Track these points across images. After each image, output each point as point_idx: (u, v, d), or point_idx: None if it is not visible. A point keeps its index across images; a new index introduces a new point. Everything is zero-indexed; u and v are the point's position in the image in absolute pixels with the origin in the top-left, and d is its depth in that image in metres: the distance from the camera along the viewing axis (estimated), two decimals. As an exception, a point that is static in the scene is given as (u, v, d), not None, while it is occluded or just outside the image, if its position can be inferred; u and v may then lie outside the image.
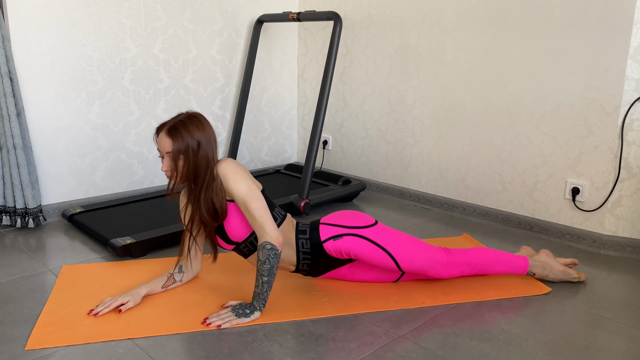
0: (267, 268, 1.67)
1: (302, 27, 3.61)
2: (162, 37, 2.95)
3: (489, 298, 1.91)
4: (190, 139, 1.68)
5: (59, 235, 2.49)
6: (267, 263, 1.67)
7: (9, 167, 2.46)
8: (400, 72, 3.08)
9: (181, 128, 1.68)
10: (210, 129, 1.73)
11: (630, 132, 2.30)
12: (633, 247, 2.36)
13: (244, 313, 1.70)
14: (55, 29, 2.57)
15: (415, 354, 1.57)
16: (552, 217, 2.57)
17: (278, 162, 3.74)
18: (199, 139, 1.69)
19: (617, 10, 2.25)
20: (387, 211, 2.97)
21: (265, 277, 1.68)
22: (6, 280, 2.02)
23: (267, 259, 1.67)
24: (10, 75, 2.38)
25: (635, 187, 2.33)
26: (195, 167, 1.70)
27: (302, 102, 3.72)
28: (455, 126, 2.89)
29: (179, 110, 3.10)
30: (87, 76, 2.71)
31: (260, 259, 1.68)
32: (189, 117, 1.71)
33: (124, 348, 1.56)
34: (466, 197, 2.90)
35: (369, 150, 3.35)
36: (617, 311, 1.86)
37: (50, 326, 1.67)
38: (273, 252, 1.67)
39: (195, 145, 1.68)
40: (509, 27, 2.59)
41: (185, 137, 1.67)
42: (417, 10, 2.95)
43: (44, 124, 2.61)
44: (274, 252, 1.67)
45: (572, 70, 2.41)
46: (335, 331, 1.68)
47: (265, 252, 1.67)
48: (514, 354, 1.58)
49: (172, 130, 1.68)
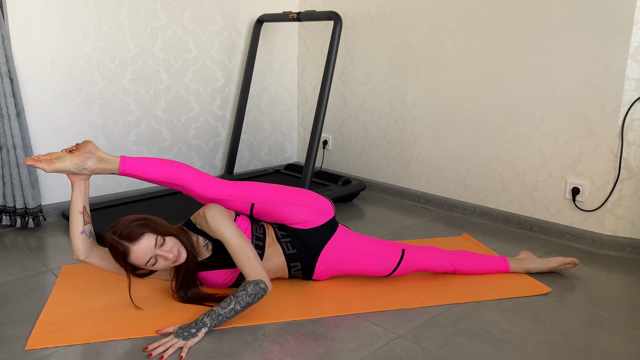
0: (248, 302, 1.65)
1: (302, 27, 3.61)
2: (162, 37, 2.95)
3: (489, 298, 1.91)
4: (139, 220, 1.68)
5: (59, 235, 2.49)
6: (252, 298, 1.66)
7: (9, 167, 2.46)
8: (400, 72, 3.08)
9: (136, 224, 1.67)
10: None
11: (630, 132, 2.30)
12: (633, 247, 2.36)
13: (190, 334, 1.58)
14: (55, 29, 2.57)
15: (415, 354, 1.57)
16: (552, 217, 2.57)
17: (278, 162, 3.74)
18: (149, 219, 1.71)
19: (617, 10, 2.25)
20: (387, 211, 2.97)
21: (239, 307, 1.64)
22: (6, 280, 2.02)
23: (255, 295, 1.66)
24: (10, 75, 2.38)
25: (635, 187, 2.33)
26: (169, 229, 1.73)
27: (302, 102, 3.72)
28: (455, 126, 2.89)
29: (179, 110, 3.10)
30: (87, 76, 2.71)
31: (247, 290, 1.66)
32: (117, 224, 1.70)
33: (124, 348, 1.56)
34: (466, 197, 2.90)
35: (369, 150, 3.35)
36: (617, 311, 1.86)
37: (50, 326, 1.67)
38: (262, 293, 1.68)
39: (157, 221, 1.71)
40: (509, 27, 2.59)
41: (147, 221, 1.69)
42: (417, 10, 2.95)
43: (43, 124, 2.61)
44: (264, 293, 1.68)
45: (572, 70, 2.41)
46: (335, 331, 1.68)
47: (258, 288, 1.67)
48: (514, 354, 1.58)
49: (136, 231, 1.65)
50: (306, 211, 1.91)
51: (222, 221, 1.76)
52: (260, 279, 1.69)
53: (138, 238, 1.63)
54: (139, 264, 1.66)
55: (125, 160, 1.79)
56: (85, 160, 1.75)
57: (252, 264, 1.72)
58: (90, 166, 1.76)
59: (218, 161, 3.38)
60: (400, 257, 1.97)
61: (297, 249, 1.92)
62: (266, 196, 1.90)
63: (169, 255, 1.67)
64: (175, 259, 1.69)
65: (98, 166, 1.76)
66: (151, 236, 1.65)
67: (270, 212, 1.90)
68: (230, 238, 1.74)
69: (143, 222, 1.67)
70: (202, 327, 1.60)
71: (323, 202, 1.97)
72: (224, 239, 1.75)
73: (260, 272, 1.71)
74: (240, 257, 1.72)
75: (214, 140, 3.33)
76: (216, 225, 1.75)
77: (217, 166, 3.39)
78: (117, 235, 1.64)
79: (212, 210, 1.78)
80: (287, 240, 1.92)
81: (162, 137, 3.06)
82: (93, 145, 1.77)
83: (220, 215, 1.77)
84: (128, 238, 1.63)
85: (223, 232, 1.75)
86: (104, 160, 1.77)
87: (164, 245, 1.67)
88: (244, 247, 1.73)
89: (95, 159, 1.76)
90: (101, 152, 1.78)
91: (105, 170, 1.78)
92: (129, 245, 1.63)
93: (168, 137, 3.09)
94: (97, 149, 1.77)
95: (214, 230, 1.76)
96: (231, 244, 1.73)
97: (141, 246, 1.63)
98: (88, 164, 1.75)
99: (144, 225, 1.66)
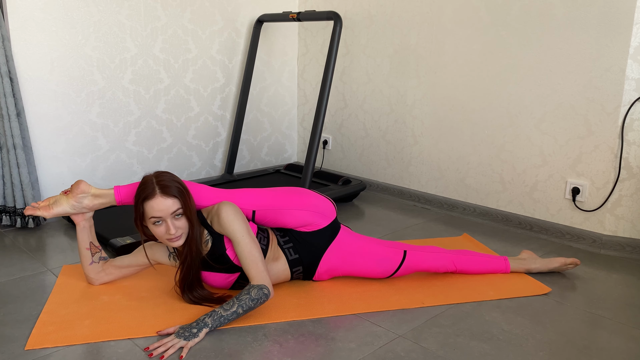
0: (250, 306, 1.66)
1: (302, 27, 3.61)
2: (162, 37, 2.95)
3: (489, 298, 1.91)
4: (182, 187, 1.71)
5: (59, 235, 2.49)
6: (254, 303, 1.66)
7: (9, 167, 2.46)
8: (400, 72, 3.08)
9: (177, 186, 1.69)
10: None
11: (630, 132, 2.30)
12: (633, 247, 2.36)
13: (191, 334, 1.58)
14: (55, 29, 2.57)
15: (415, 354, 1.57)
16: (552, 217, 2.57)
17: (278, 162, 3.74)
18: (188, 195, 1.72)
19: (617, 10, 2.25)
20: (387, 211, 2.97)
21: (241, 310, 1.65)
22: (6, 280, 2.02)
23: (258, 299, 1.67)
24: (10, 75, 2.38)
25: (635, 187, 2.33)
26: (192, 214, 1.73)
27: (302, 102, 3.72)
28: (455, 126, 2.89)
29: (179, 110, 3.10)
30: (87, 76, 2.71)
31: (251, 294, 1.66)
32: (163, 173, 1.72)
33: (124, 348, 1.56)
34: (466, 197, 2.90)
35: (369, 150, 3.35)
36: (617, 311, 1.86)
37: (50, 326, 1.67)
38: (265, 298, 1.69)
39: (191, 201, 1.73)
40: (509, 27, 2.59)
41: (186, 192, 1.71)
42: (417, 10, 2.95)
43: (44, 124, 2.61)
44: (266, 298, 1.69)
45: (572, 70, 2.41)
46: (335, 331, 1.68)
47: (261, 293, 1.68)
48: (514, 354, 1.58)
49: (173, 190, 1.68)
50: (308, 214, 1.91)
51: (235, 218, 1.74)
52: (264, 284, 1.69)
53: (168, 195, 1.66)
54: (148, 213, 1.68)
55: (119, 190, 1.82)
56: (81, 200, 1.79)
57: (259, 268, 1.71)
58: (87, 204, 1.81)
59: (218, 161, 3.38)
60: (402, 258, 1.97)
61: (300, 253, 1.92)
62: (267, 202, 1.89)
63: (172, 229, 1.68)
64: (174, 237, 1.69)
65: (95, 202, 1.81)
66: (177, 203, 1.68)
67: (272, 218, 1.90)
68: (241, 237, 1.72)
69: (183, 189, 1.70)
70: (203, 328, 1.60)
71: (325, 203, 1.97)
72: (234, 237, 1.73)
73: (265, 277, 1.71)
74: (248, 258, 1.72)
75: (214, 140, 3.33)
76: (229, 222, 1.73)
77: (217, 166, 3.39)
78: (157, 180, 1.68)
79: (227, 206, 1.76)
80: (290, 246, 1.92)
81: (162, 137, 3.06)
82: (85, 184, 1.81)
83: (235, 213, 1.75)
84: (163, 188, 1.67)
85: (235, 229, 1.73)
86: (99, 196, 1.82)
87: (177, 221, 1.69)
88: (252, 249, 1.72)
89: (90, 197, 1.81)
90: (94, 189, 1.82)
91: (102, 204, 1.83)
92: (158, 194, 1.66)
93: (168, 137, 3.09)
94: (89, 187, 1.81)
95: (226, 226, 1.73)
96: (241, 243, 1.72)
97: (164, 203, 1.66)
98: (85, 203, 1.80)
99: (181, 192, 1.69)
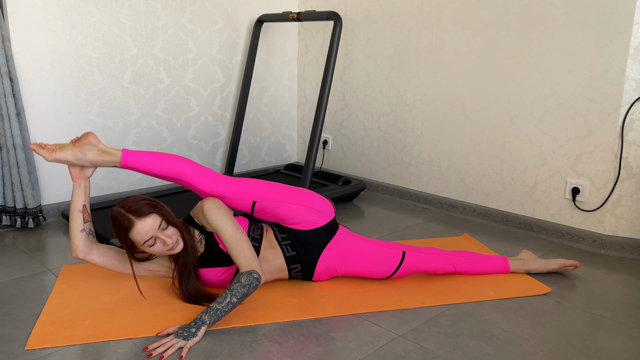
0: (243, 292, 1.66)
1: (302, 27, 3.61)
2: (162, 37, 2.95)
3: (489, 298, 1.91)
4: (150, 201, 1.71)
5: (59, 235, 2.49)
6: (247, 288, 1.66)
7: (9, 167, 2.46)
8: (400, 72, 3.08)
9: (146, 202, 1.69)
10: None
11: (630, 132, 2.30)
12: (633, 247, 2.36)
13: (190, 333, 1.57)
14: (55, 29, 2.57)
15: (415, 354, 1.57)
16: (552, 217, 2.57)
17: (278, 162, 3.74)
18: (159, 203, 1.73)
19: (617, 10, 2.25)
20: (387, 211, 2.97)
21: (235, 299, 1.64)
22: (6, 280, 2.02)
23: (249, 284, 1.67)
24: (10, 75, 2.38)
25: (635, 187, 2.33)
26: (173, 218, 1.75)
27: (302, 102, 3.72)
28: (455, 126, 2.89)
29: (179, 110, 3.10)
30: (86, 76, 2.71)
31: (241, 281, 1.66)
32: (125, 200, 1.72)
33: (124, 348, 1.56)
34: (466, 197, 2.90)
35: (369, 150, 3.35)
36: (617, 311, 1.86)
37: (50, 326, 1.67)
38: (256, 282, 1.68)
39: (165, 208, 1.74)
40: (509, 27, 2.59)
41: (156, 203, 1.71)
42: (417, 10, 2.95)
43: (44, 124, 2.61)
44: (258, 282, 1.69)
45: (572, 70, 2.41)
46: (335, 331, 1.68)
47: (251, 278, 1.68)
48: (514, 354, 1.58)
49: (144, 208, 1.68)
50: (307, 211, 1.91)
51: (217, 212, 1.77)
52: (253, 269, 1.70)
53: (145, 215, 1.66)
54: (138, 241, 1.68)
55: (127, 154, 1.79)
56: (86, 152, 1.75)
57: (246, 255, 1.72)
58: (91, 158, 1.76)
59: (218, 161, 3.38)
60: (400, 259, 1.97)
61: (297, 251, 1.92)
62: (268, 194, 1.90)
63: (167, 240, 1.68)
64: (172, 245, 1.71)
65: (99, 158, 1.76)
66: (157, 217, 1.68)
67: (271, 210, 1.90)
68: (225, 229, 1.75)
69: (153, 203, 1.71)
70: (201, 325, 1.60)
71: (324, 202, 1.97)
72: (219, 230, 1.76)
73: (253, 263, 1.72)
74: (234, 247, 1.74)
75: (214, 140, 3.33)
76: (212, 217, 1.76)
77: (217, 166, 3.39)
78: (125, 209, 1.66)
79: (209, 202, 1.80)
80: (287, 243, 1.92)
81: (162, 137, 3.06)
82: (94, 137, 1.78)
83: (217, 207, 1.78)
84: (135, 213, 1.65)
85: (218, 223, 1.76)
86: (105, 153, 1.77)
87: (166, 230, 1.70)
88: (238, 239, 1.74)
89: (96, 151, 1.76)
90: (102, 145, 1.78)
91: (106, 162, 1.78)
92: (135, 220, 1.65)
93: (168, 137, 3.09)
94: (98, 141, 1.78)
95: (210, 221, 1.77)
96: (226, 235, 1.75)
97: (146, 224, 1.66)
98: (89, 156, 1.75)
99: (153, 206, 1.69)
